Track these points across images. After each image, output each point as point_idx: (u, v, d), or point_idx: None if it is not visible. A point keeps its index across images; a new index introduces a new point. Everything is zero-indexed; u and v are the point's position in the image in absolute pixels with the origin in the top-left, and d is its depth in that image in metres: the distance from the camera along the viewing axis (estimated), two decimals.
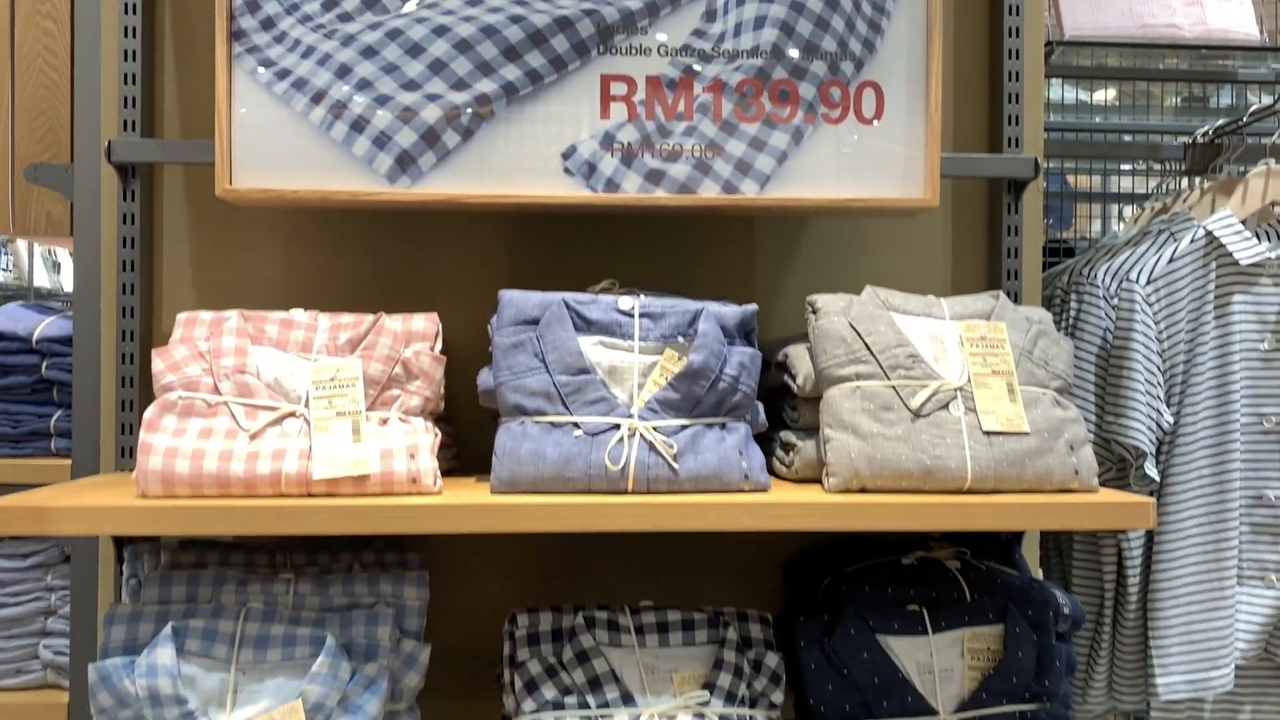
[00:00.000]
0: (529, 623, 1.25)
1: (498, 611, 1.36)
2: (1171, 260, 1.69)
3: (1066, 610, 1.31)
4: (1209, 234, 1.68)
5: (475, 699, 1.45)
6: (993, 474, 1.20)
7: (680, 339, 1.24)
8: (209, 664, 1.14)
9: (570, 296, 1.25)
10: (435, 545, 1.48)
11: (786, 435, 1.32)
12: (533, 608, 1.27)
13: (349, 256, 1.52)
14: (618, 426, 1.19)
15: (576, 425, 1.19)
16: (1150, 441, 1.67)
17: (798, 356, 1.31)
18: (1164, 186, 2.13)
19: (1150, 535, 1.73)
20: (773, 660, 1.26)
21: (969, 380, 1.24)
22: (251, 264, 1.51)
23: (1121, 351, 1.68)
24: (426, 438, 1.21)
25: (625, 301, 1.26)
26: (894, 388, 1.23)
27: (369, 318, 1.28)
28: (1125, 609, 1.75)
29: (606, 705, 1.18)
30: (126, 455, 1.44)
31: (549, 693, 1.18)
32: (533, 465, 1.17)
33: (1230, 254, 1.67)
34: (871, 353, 1.25)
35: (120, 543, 1.39)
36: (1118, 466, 1.71)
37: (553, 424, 1.20)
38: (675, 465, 1.18)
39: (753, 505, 1.16)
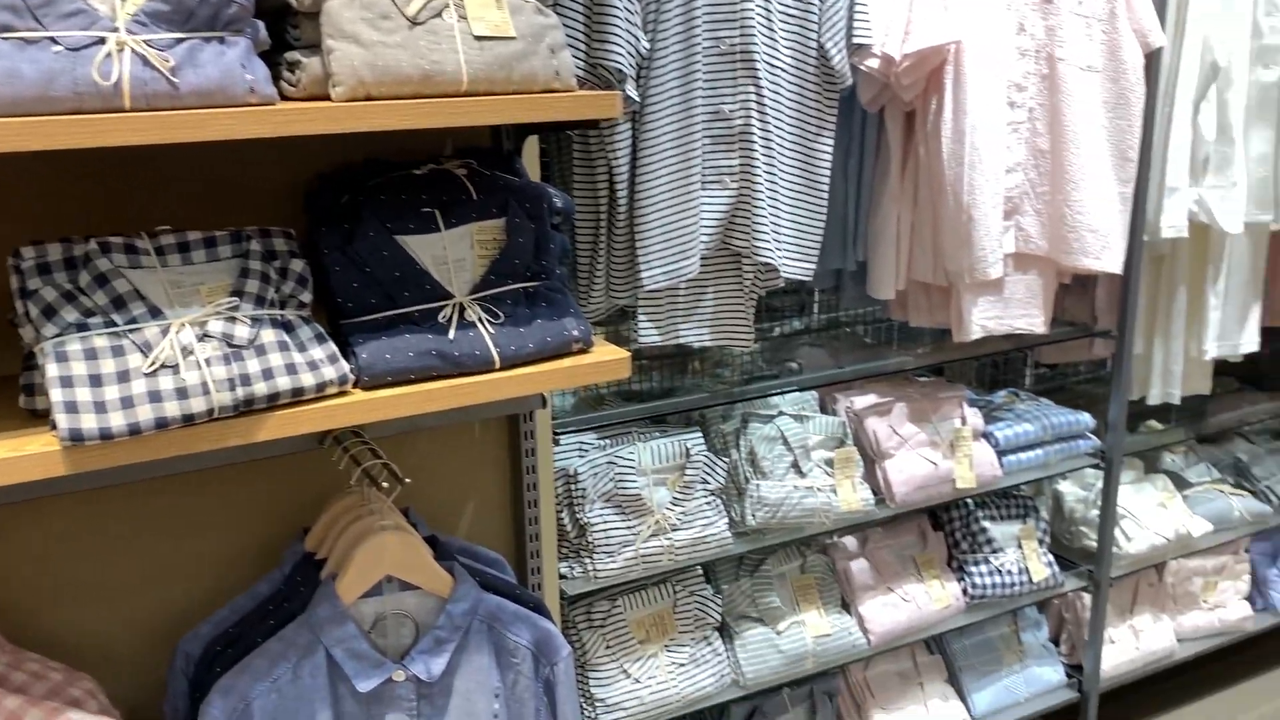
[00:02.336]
0: (36, 254, 1.21)
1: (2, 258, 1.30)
2: None
3: (559, 204, 1.52)
4: None
5: None
6: (485, 76, 1.31)
7: None
8: None
9: None
10: None
11: (291, 55, 1.33)
12: (38, 241, 1.23)
13: None
14: (103, 41, 1.14)
15: (54, 41, 1.12)
16: (630, 65, 1.89)
17: None
18: None
19: (634, 151, 1.99)
20: (298, 265, 1.34)
21: None
22: None
23: None
24: None
25: None
26: None
27: None
28: (616, 217, 2.03)
29: (134, 321, 1.20)
30: None
31: (70, 315, 1.18)
32: (9, 86, 1.09)
33: None
34: None
35: None
36: (604, 89, 1.92)
37: (25, 40, 1.11)
38: (175, 80, 1.16)
39: (260, 113, 1.19)
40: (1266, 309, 2.91)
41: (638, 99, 1.93)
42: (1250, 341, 2.70)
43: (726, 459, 2.28)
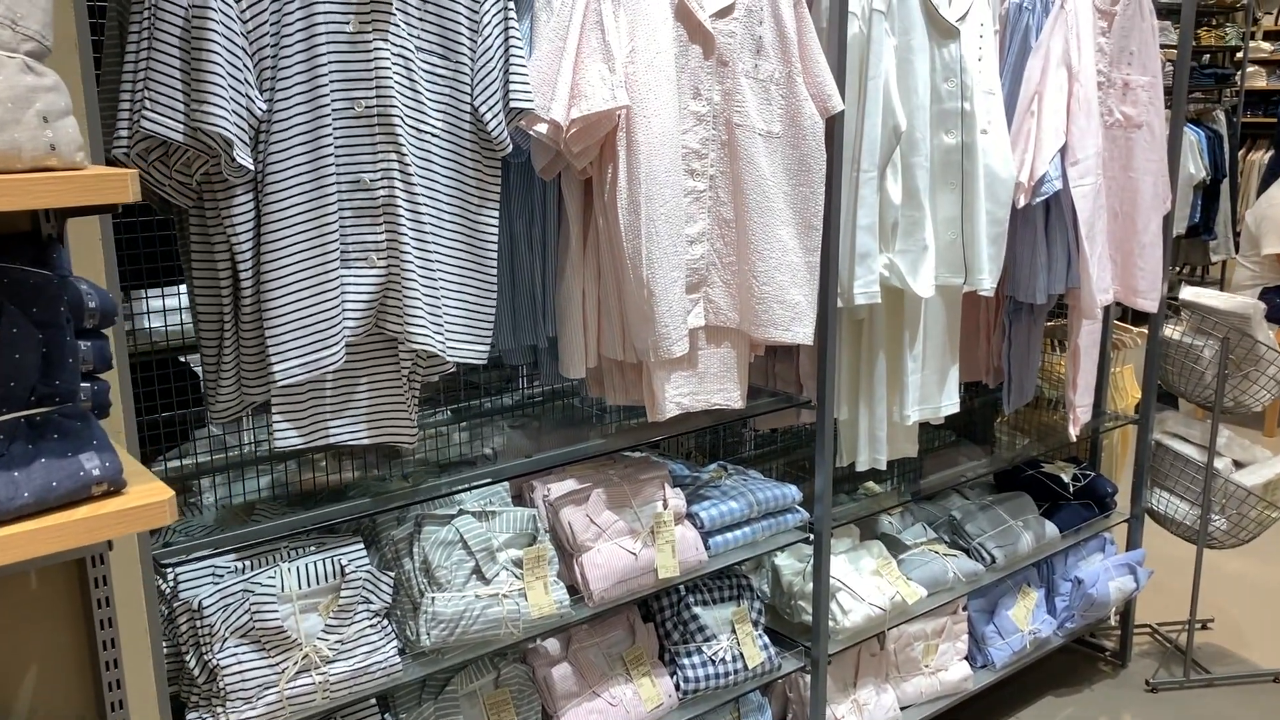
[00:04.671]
0: None
1: None
2: None
3: (93, 304, 1.22)
4: None
5: None
6: None
7: None
8: None
9: None
10: None
11: None
12: None
13: None
14: None
15: None
16: (239, 128, 1.62)
17: None
18: None
19: (258, 229, 1.71)
20: None
21: None
22: None
23: (199, 33, 1.56)
24: None
25: None
26: None
27: None
28: (243, 301, 1.74)
29: None
30: None
31: None
32: None
33: None
34: None
35: None
36: (211, 157, 1.64)
37: None
38: None
39: None
40: (967, 365, 2.93)
41: (251, 166, 1.66)
42: (951, 404, 2.69)
43: (399, 569, 2.01)
